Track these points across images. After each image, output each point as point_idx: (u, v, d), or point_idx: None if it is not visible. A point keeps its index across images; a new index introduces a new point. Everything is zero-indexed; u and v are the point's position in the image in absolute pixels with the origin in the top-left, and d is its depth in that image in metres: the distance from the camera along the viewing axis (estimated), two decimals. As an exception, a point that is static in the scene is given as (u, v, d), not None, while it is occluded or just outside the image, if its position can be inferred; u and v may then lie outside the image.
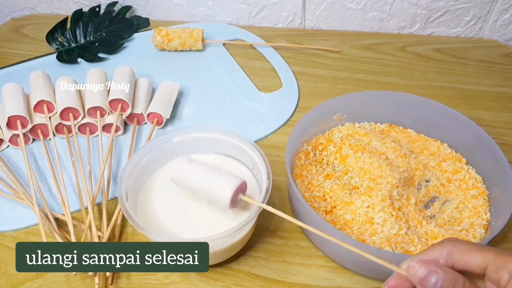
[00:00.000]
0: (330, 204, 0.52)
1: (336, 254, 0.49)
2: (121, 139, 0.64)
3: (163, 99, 0.64)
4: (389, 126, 0.62)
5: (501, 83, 0.73)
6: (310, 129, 0.58)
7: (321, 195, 0.52)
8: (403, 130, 0.61)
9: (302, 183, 0.54)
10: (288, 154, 0.52)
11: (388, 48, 0.80)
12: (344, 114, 0.60)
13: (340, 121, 0.61)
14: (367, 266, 0.47)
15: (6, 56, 0.79)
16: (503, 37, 0.82)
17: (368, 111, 0.61)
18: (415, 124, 0.61)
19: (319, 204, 0.52)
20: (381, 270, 0.47)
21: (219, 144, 0.53)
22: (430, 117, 0.59)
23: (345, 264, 0.49)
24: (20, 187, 0.55)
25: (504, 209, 0.48)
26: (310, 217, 0.47)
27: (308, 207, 0.46)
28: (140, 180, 0.52)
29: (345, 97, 0.60)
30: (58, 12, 0.90)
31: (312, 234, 0.51)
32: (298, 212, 0.52)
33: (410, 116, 0.60)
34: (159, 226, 0.48)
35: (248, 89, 0.71)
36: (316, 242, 0.51)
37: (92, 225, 0.49)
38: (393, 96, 0.60)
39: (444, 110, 0.57)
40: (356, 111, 0.61)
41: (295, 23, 0.85)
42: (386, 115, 0.62)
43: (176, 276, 0.49)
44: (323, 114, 0.59)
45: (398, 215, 0.49)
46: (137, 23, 0.85)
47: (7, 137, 0.60)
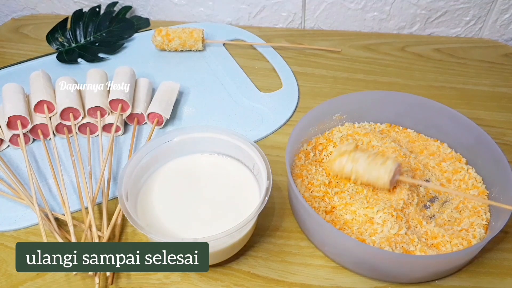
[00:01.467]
0: (330, 204, 0.52)
1: (336, 254, 0.49)
2: (121, 139, 0.64)
3: (163, 99, 0.64)
4: (389, 126, 0.62)
5: (501, 83, 0.73)
6: (310, 129, 0.58)
7: (321, 195, 0.52)
8: (403, 130, 0.61)
9: (302, 183, 0.54)
10: (288, 154, 0.52)
11: (388, 48, 0.80)
12: (344, 114, 0.60)
13: (340, 121, 0.61)
14: (367, 266, 0.47)
15: (6, 56, 0.79)
16: (503, 37, 0.82)
17: (368, 111, 0.61)
18: (415, 124, 0.61)
19: (319, 204, 0.52)
20: (380, 270, 0.47)
21: (219, 144, 0.54)
22: (430, 117, 0.59)
23: (345, 264, 0.49)
24: (20, 187, 0.55)
25: (504, 209, 0.48)
26: (310, 217, 0.47)
27: (308, 207, 0.46)
28: (140, 180, 0.52)
29: (345, 97, 0.60)
30: (58, 12, 0.90)
31: (312, 234, 0.51)
32: (298, 212, 0.52)
33: (410, 116, 0.60)
34: (159, 226, 0.48)
35: (248, 89, 0.71)
36: (316, 242, 0.51)
37: (92, 225, 0.49)
38: (393, 96, 0.60)
39: (444, 110, 0.57)
40: (356, 111, 0.61)
41: (295, 23, 0.85)
42: (386, 115, 0.62)
43: (176, 276, 0.49)
44: (323, 114, 0.59)
45: (399, 215, 0.49)
46: (137, 23, 0.85)
47: (7, 137, 0.60)
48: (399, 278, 0.48)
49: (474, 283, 0.48)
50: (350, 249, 0.47)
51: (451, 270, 0.48)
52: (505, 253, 0.50)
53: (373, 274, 0.48)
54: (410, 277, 0.48)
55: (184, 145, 0.54)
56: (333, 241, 0.48)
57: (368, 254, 0.46)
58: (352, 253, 0.47)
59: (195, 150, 0.55)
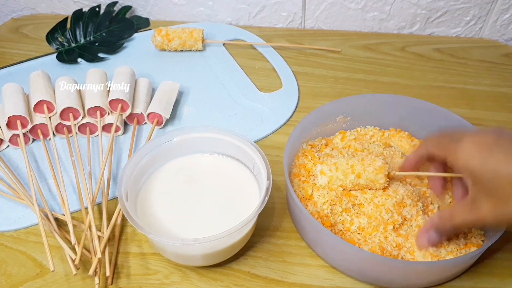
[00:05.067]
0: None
1: (328, 255, 0.49)
2: (121, 139, 0.64)
3: (163, 99, 0.64)
4: (394, 130, 0.60)
5: (501, 83, 0.73)
6: (312, 129, 0.58)
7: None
8: (408, 135, 0.60)
9: (299, 182, 0.53)
10: (286, 154, 0.52)
11: (388, 48, 0.80)
12: (348, 116, 0.59)
13: (344, 123, 0.60)
14: (356, 268, 0.47)
15: (6, 56, 0.79)
16: (503, 37, 0.82)
17: (373, 114, 0.60)
18: (419, 129, 0.59)
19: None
20: (371, 274, 0.46)
21: (219, 144, 0.53)
22: (433, 122, 0.57)
23: (337, 266, 0.49)
24: (20, 187, 0.55)
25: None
26: (306, 219, 0.47)
27: (303, 209, 0.46)
28: (140, 180, 0.52)
29: (350, 98, 0.59)
30: (58, 12, 0.90)
31: (306, 235, 0.50)
32: (293, 213, 0.52)
33: (415, 120, 0.59)
34: (159, 226, 0.48)
35: (248, 89, 0.71)
36: (310, 244, 0.50)
37: (92, 225, 0.49)
38: (398, 100, 0.59)
39: (449, 116, 0.56)
40: (360, 114, 0.60)
41: (295, 23, 0.85)
42: (391, 119, 0.60)
43: (176, 276, 0.49)
44: (326, 115, 0.58)
45: (394, 218, 0.49)
46: (137, 23, 0.85)
47: (7, 137, 0.60)
48: (390, 283, 0.47)
49: (474, 283, 0.48)
50: (341, 251, 0.46)
51: (444, 278, 0.47)
52: (505, 253, 0.50)
53: (364, 278, 0.48)
54: (404, 284, 0.47)
55: (184, 145, 0.54)
56: (324, 243, 0.48)
57: (361, 259, 0.45)
58: (345, 255, 0.46)
59: (195, 150, 0.55)
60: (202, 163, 0.54)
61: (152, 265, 0.50)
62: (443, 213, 0.44)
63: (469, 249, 0.48)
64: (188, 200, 0.50)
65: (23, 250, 0.51)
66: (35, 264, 0.50)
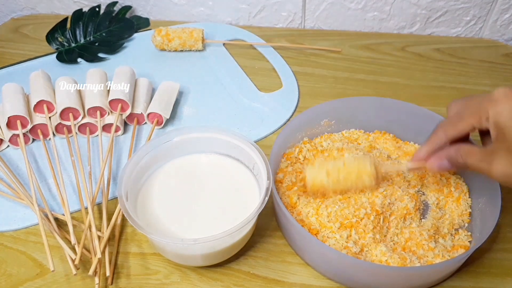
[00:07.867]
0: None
1: (313, 261, 0.49)
2: (121, 139, 0.64)
3: (163, 99, 0.64)
4: (379, 133, 0.60)
5: (501, 83, 0.73)
6: (297, 134, 0.57)
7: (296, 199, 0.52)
8: (392, 137, 0.60)
9: (281, 186, 0.53)
10: (272, 157, 0.52)
11: (388, 48, 0.80)
12: (333, 119, 0.59)
13: (328, 126, 0.60)
14: (343, 274, 0.47)
15: (6, 56, 0.79)
16: (503, 37, 0.82)
17: (358, 117, 0.60)
18: (404, 131, 0.59)
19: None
20: (358, 279, 0.46)
21: (219, 144, 0.53)
22: (419, 124, 0.57)
23: (323, 271, 0.48)
24: (20, 187, 0.55)
25: (489, 217, 0.47)
26: (289, 223, 0.47)
27: (287, 213, 0.46)
28: (140, 180, 0.52)
29: (334, 102, 0.59)
30: (58, 12, 0.90)
31: (292, 241, 0.50)
32: (278, 217, 0.51)
33: (399, 123, 0.59)
34: (159, 226, 0.48)
35: (248, 89, 0.71)
36: (296, 249, 0.50)
37: (92, 225, 0.49)
38: (383, 103, 0.59)
39: (434, 118, 0.55)
40: (345, 117, 0.59)
41: (295, 23, 0.85)
42: (376, 122, 0.60)
43: (176, 276, 0.49)
44: (310, 119, 0.58)
45: (377, 220, 0.49)
46: (137, 23, 0.85)
47: (7, 137, 0.60)
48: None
49: (474, 283, 0.48)
50: (320, 253, 0.46)
51: (431, 283, 0.47)
52: (505, 253, 0.50)
53: (349, 283, 0.47)
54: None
55: (184, 145, 0.54)
56: (306, 245, 0.48)
57: (343, 263, 0.45)
58: (331, 261, 0.46)
59: (195, 150, 0.55)
60: (202, 163, 0.54)
61: (152, 265, 0.50)
62: (461, 148, 0.43)
63: (456, 251, 0.48)
64: (188, 200, 0.50)
65: (23, 250, 0.51)
66: (35, 264, 0.50)
